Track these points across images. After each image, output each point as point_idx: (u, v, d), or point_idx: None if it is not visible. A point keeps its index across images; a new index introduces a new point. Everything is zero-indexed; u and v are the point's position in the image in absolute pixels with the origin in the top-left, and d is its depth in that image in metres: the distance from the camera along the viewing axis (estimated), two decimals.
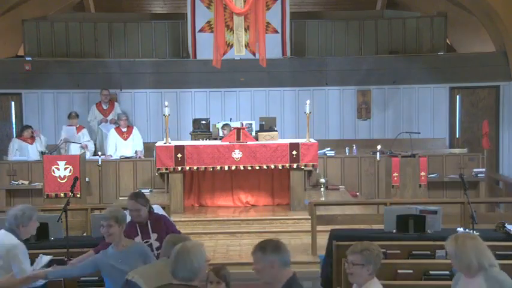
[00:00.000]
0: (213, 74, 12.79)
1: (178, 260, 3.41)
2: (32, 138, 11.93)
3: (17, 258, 4.76)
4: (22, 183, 11.32)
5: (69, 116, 12.14)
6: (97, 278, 5.64)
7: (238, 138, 9.86)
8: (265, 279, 3.60)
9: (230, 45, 13.06)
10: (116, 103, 12.99)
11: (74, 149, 11.67)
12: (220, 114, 13.21)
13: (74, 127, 12.02)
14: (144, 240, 5.29)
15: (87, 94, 13.30)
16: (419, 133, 11.99)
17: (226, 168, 9.81)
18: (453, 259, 3.84)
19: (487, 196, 11.47)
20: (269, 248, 3.56)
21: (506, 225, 6.75)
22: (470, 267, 3.76)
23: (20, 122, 13.22)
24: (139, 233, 5.38)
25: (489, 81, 13.32)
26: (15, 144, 11.94)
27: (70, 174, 9.78)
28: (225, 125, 11.35)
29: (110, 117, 12.74)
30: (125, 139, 12.03)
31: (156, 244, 5.31)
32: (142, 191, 11.17)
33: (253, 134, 11.03)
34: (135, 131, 12.18)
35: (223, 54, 12.23)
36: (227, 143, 9.87)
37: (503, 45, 13.00)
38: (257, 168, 9.84)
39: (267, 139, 10.04)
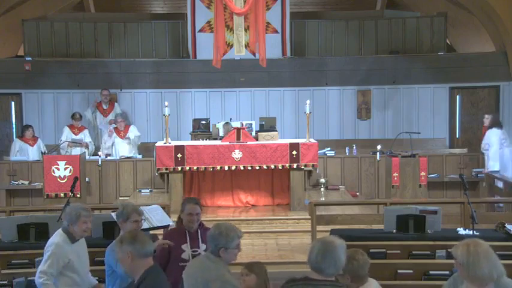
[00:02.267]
0: (213, 74, 12.80)
1: (326, 256, 3.43)
2: (33, 139, 11.92)
3: (45, 256, 4.78)
4: (22, 183, 11.31)
5: (73, 117, 12.12)
6: None
7: (239, 138, 9.85)
8: (125, 269, 3.87)
9: (230, 45, 13.04)
10: (115, 103, 12.98)
11: (75, 151, 11.64)
12: (220, 114, 13.21)
13: (81, 138, 12.00)
14: (193, 250, 5.07)
15: (87, 94, 13.30)
16: (419, 133, 11.98)
17: (226, 168, 9.80)
18: (463, 268, 3.60)
19: (487, 196, 11.46)
20: (125, 239, 3.82)
21: (506, 225, 6.75)
22: (481, 278, 3.55)
23: (20, 122, 13.23)
24: (188, 240, 5.11)
25: (489, 81, 13.33)
26: (16, 145, 11.94)
27: (70, 174, 9.78)
28: (226, 124, 11.31)
29: (109, 117, 12.73)
30: (122, 137, 12.00)
31: None
32: (142, 191, 11.39)
33: (253, 134, 11.03)
34: (131, 127, 12.14)
35: (223, 54, 12.22)
36: (227, 143, 9.86)
37: (503, 45, 13.00)
38: (257, 168, 9.83)
39: (267, 139, 10.03)
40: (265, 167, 9.81)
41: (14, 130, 13.29)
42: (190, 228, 5.14)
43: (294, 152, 9.73)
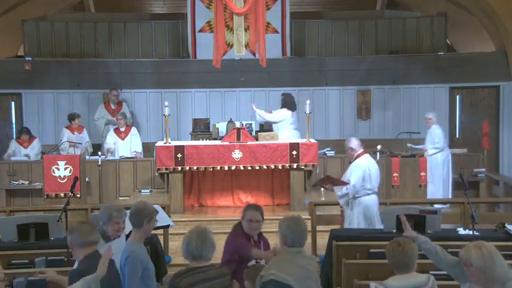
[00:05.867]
0: (213, 74, 12.79)
1: (205, 242, 4.05)
2: (29, 141, 11.90)
3: None
4: (22, 183, 11.30)
5: (70, 118, 12.04)
6: None
7: (239, 138, 9.85)
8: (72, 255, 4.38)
9: (230, 45, 13.06)
10: (123, 103, 12.90)
11: (75, 151, 11.61)
12: (220, 114, 13.21)
13: (81, 135, 11.94)
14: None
15: (87, 94, 13.30)
16: (419, 133, 11.98)
17: (226, 168, 9.80)
18: (479, 272, 3.51)
19: (487, 196, 11.46)
20: (69, 229, 4.34)
21: (506, 225, 6.75)
22: (498, 279, 3.48)
23: (20, 122, 13.23)
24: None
25: (489, 81, 13.33)
26: (12, 145, 11.94)
27: (70, 174, 9.80)
28: (230, 122, 11.30)
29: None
30: (123, 139, 11.99)
31: None
32: (142, 191, 11.39)
33: (253, 134, 11.03)
34: (133, 130, 12.09)
35: (223, 54, 12.22)
36: (227, 143, 9.86)
37: (503, 45, 13.00)
38: (257, 168, 9.83)
39: (267, 139, 10.03)
40: (265, 167, 9.81)
41: (14, 130, 13.28)
42: (252, 236, 5.09)
43: (294, 152, 9.74)
